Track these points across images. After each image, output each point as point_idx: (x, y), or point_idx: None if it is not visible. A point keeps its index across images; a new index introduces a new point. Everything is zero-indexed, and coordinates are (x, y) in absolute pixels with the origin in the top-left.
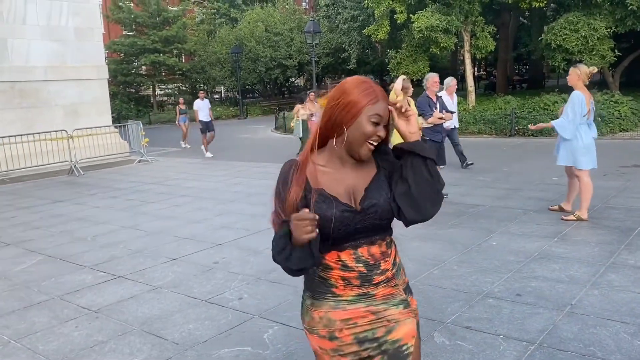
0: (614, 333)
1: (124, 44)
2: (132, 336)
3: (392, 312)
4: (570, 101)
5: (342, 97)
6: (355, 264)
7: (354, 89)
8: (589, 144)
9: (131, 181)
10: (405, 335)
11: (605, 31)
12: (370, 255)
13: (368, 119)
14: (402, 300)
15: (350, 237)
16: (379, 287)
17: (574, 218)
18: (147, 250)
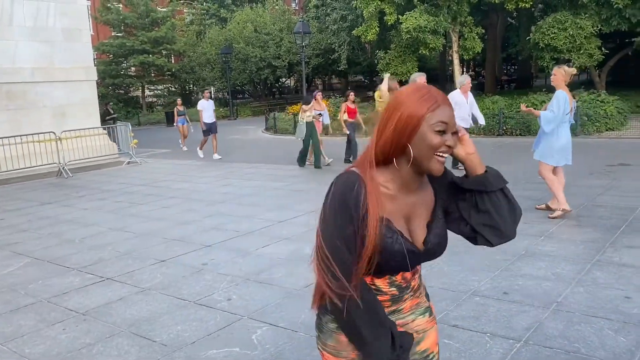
0: (598, 329)
1: (113, 45)
2: (120, 338)
3: (419, 323)
4: (555, 98)
5: (397, 110)
6: (388, 289)
7: (408, 98)
8: (565, 143)
9: (120, 183)
10: (432, 345)
11: (592, 30)
12: (403, 279)
13: (431, 128)
14: (427, 308)
15: (397, 269)
16: (407, 301)
17: (560, 214)
18: (136, 252)
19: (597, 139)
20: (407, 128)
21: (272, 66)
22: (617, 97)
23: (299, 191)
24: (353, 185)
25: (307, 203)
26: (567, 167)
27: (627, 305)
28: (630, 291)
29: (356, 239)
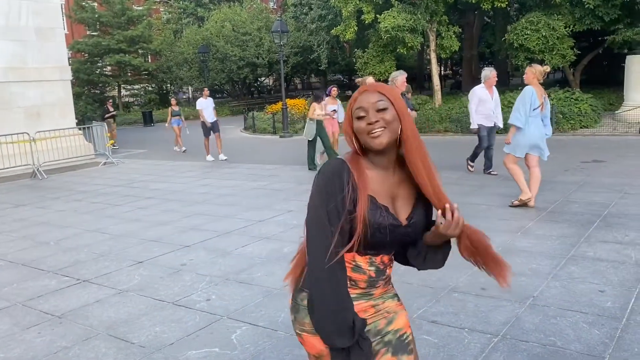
0: (573, 323)
1: (88, 44)
2: (97, 341)
3: (389, 304)
4: (521, 95)
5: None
6: (368, 267)
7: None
8: (535, 137)
9: (96, 184)
10: (404, 325)
11: (564, 30)
12: (381, 262)
13: (355, 117)
14: (395, 294)
15: (380, 246)
16: (379, 288)
17: (518, 203)
18: (112, 254)
19: (572, 136)
20: (348, 127)
21: (251, 65)
22: (590, 95)
23: (278, 190)
24: (338, 167)
25: (287, 202)
26: (542, 163)
27: (601, 298)
28: (604, 285)
29: (338, 214)
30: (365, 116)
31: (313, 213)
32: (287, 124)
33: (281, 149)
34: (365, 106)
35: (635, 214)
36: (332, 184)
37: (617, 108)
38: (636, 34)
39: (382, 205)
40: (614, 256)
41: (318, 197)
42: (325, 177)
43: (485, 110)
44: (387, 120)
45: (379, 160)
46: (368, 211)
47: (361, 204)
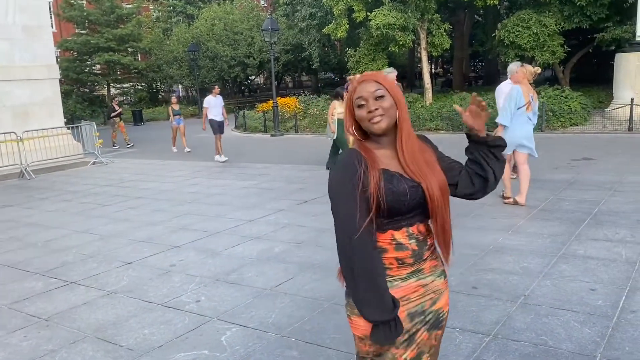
0: (564, 322)
1: (77, 42)
2: (84, 344)
3: (437, 284)
4: (509, 94)
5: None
6: (408, 241)
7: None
8: (521, 135)
9: (85, 184)
10: (445, 304)
11: (555, 28)
12: (419, 232)
13: (356, 104)
14: (442, 271)
15: (413, 210)
16: (427, 261)
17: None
18: (101, 255)
19: (562, 134)
20: (349, 115)
21: (243, 64)
22: (580, 93)
23: (269, 190)
24: (351, 154)
25: (277, 201)
26: (532, 161)
27: (592, 297)
28: (594, 283)
29: (356, 191)
30: (365, 104)
31: (335, 197)
32: (278, 123)
33: (272, 147)
34: (365, 95)
35: (625, 211)
36: (347, 169)
37: (606, 106)
38: (625, 32)
39: (396, 172)
40: (605, 254)
41: (337, 182)
42: (342, 164)
43: None
44: (385, 108)
45: (382, 140)
46: (384, 180)
47: (373, 177)
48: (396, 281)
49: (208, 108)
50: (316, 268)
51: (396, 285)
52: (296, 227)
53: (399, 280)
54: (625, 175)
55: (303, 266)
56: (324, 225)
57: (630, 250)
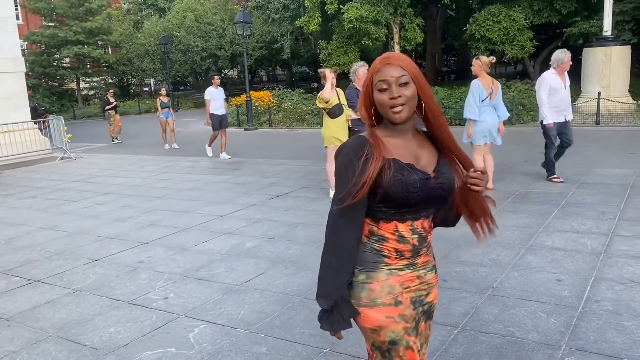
0: (531, 313)
1: (44, 35)
2: (47, 344)
3: (429, 277)
4: (470, 88)
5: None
6: (410, 236)
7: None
8: (488, 125)
9: (52, 179)
10: (435, 297)
11: (524, 22)
12: (422, 228)
13: (376, 88)
14: (434, 266)
15: (421, 203)
16: (422, 256)
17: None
18: (67, 252)
19: (532, 127)
20: (366, 96)
21: (214, 56)
22: None
23: (241, 184)
24: (358, 140)
25: (249, 196)
26: (503, 155)
27: (559, 287)
28: (561, 274)
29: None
30: (388, 89)
31: (337, 182)
32: (252, 117)
33: (245, 141)
34: (389, 80)
35: (591, 203)
36: (349, 158)
37: (574, 99)
38: (592, 26)
39: (407, 163)
40: (571, 245)
41: (341, 167)
42: (345, 153)
43: (557, 102)
44: (408, 97)
45: (398, 129)
46: (393, 171)
47: (371, 168)
48: (395, 269)
49: (210, 101)
50: (287, 263)
51: (395, 273)
52: (268, 222)
53: (397, 269)
54: (592, 168)
55: (274, 261)
56: (296, 219)
57: (596, 242)
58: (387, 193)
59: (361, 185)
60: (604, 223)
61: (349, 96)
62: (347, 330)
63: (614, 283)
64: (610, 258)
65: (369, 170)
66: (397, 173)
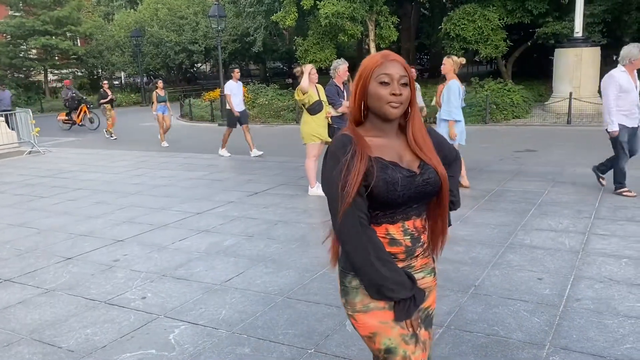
0: (514, 312)
1: (10, 24)
2: (19, 346)
3: (427, 281)
4: (449, 90)
5: (357, 75)
6: (403, 237)
7: (362, 64)
8: (463, 124)
9: (20, 174)
10: (433, 302)
11: (498, 22)
12: (414, 228)
13: (377, 81)
14: (433, 269)
15: (409, 202)
16: (418, 258)
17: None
18: (39, 250)
19: (505, 126)
20: (360, 87)
21: (187, 51)
22: (522, 87)
23: (217, 181)
24: (341, 139)
25: (226, 193)
26: (478, 153)
27: (540, 286)
28: (541, 272)
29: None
30: (390, 84)
31: (326, 182)
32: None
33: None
34: (394, 75)
35: (567, 201)
36: (335, 157)
37: (546, 99)
38: (564, 27)
39: (390, 161)
40: (550, 244)
41: (328, 167)
42: (331, 151)
43: (628, 105)
44: (405, 97)
45: (385, 126)
46: (377, 169)
47: (359, 164)
48: None
49: (231, 95)
50: (268, 261)
51: None
52: (247, 220)
53: None
54: (565, 167)
55: (254, 260)
56: (275, 217)
57: (573, 240)
58: (371, 193)
59: (350, 186)
60: (580, 221)
61: (329, 93)
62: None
63: (593, 281)
64: (589, 256)
65: (355, 168)
66: (380, 172)
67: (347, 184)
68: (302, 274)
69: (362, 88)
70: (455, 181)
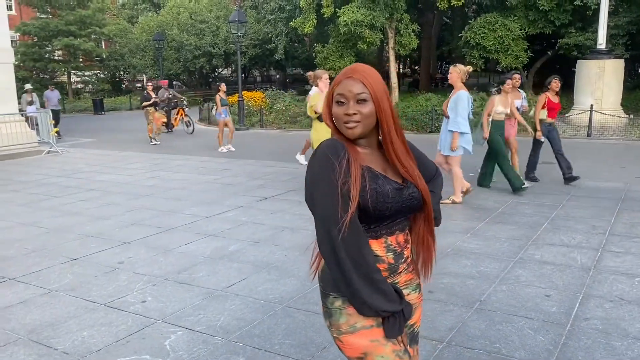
0: (518, 329)
1: (35, 25)
2: (16, 347)
3: (412, 297)
4: (459, 100)
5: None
6: (385, 254)
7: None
8: (469, 136)
9: (37, 174)
10: (418, 319)
11: (519, 32)
12: (397, 244)
13: (334, 101)
14: (418, 285)
15: (395, 215)
16: (402, 274)
17: (450, 202)
18: (46, 250)
19: (524, 138)
20: (326, 106)
21: (208, 55)
22: None
23: (229, 185)
24: (333, 143)
25: (237, 197)
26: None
27: (547, 303)
28: (549, 289)
29: (337, 182)
30: (345, 104)
31: (319, 186)
32: (244, 117)
33: (235, 142)
34: (347, 94)
35: (581, 217)
36: (327, 159)
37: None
38: (587, 39)
39: (380, 173)
40: (561, 259)
41: (317, 171)
42: (322, 152)
43: None
44: (364, 115)
45: (361, 141)
46: (368, 179)
47: (355, 170)
48: None
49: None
50: (271, 268)
51: None
52: (254, 225)
53: None
54: (582, 180)
55: (257, 266)
56: (283, 223)
57: (585, 256)
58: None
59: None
60: (594, 237)
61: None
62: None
63: (603, 300)
64: (600, 274)
65: (353, 174)
66: (371, 182)
67: (350, 190)
68: (304, 283)
69: (328, 107)
70: (436, 196)
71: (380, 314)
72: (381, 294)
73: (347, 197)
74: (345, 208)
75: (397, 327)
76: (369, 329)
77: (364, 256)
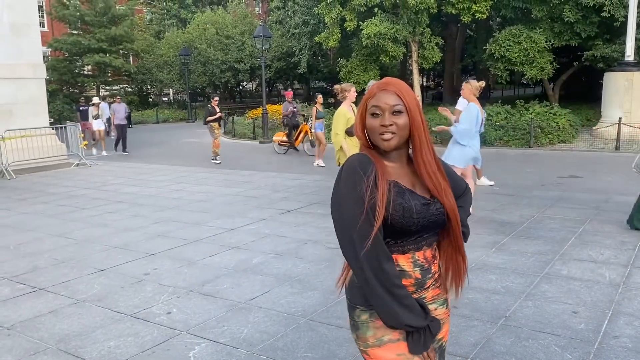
0: (545, 346)
1: (67, 42)
2: (45, 355)
3: (439, 312)
4: (467, 111)
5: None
6: (412, 269)
7: (367, 92)
8: (477, 152)
9: (66, 186)
10: (446, 334)
11: (545, 44)
12: (424, 259)
13: (369, 113)
14: (445, 300)
15: (422, 231)
16: (429, 289)
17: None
18: (74, 260)
19: (550, 151)
20: (359, 118)
21: (233, 69)
22: (569, 111)
23: (252, 197)
24: (361, 158)
25: (260, 210)
26: (519, 178)
27: (574, 320)
28: (577, 306)
29: (365, 197)
30: (381, 115)
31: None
32: (267, 130)
33: (259, 155)
34: (382, 106)
35: (610, 231)
36: (356, 173)
37: (594, 124)
38: (614, 51)
39: (407, 188)
40: (589, 275)
41: (348, 185)
42: (350, 167)
43: None
44: (400, 126)
45: (392, 155)
46: (394, 194)
47: (382, 186)
48: None
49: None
50: (294, 281)
51: None
52: (277, 238)
53: None
54: (611, 194)
55: (280, 279)
56: (305, 236)
57: (614, 272)
58: (385, 219)
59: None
60: (623, 253)
61: None
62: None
63: (633, 318)
64: (630, 291)
65: (380, 189)
66: (397, 197)
67: (376, 204)
68: (327, 296)
69: (362, 120)
70: (465, 212)
71: (405, 328)
72: (405, 308)
73: (372, 212)
74: (370, 222)
75: (422, 343)
76: (395, 342)
77: (384, 270)
